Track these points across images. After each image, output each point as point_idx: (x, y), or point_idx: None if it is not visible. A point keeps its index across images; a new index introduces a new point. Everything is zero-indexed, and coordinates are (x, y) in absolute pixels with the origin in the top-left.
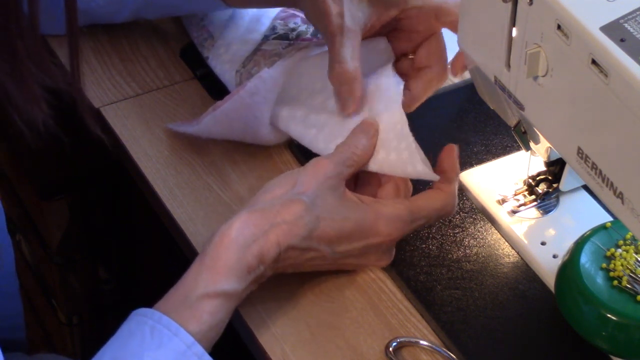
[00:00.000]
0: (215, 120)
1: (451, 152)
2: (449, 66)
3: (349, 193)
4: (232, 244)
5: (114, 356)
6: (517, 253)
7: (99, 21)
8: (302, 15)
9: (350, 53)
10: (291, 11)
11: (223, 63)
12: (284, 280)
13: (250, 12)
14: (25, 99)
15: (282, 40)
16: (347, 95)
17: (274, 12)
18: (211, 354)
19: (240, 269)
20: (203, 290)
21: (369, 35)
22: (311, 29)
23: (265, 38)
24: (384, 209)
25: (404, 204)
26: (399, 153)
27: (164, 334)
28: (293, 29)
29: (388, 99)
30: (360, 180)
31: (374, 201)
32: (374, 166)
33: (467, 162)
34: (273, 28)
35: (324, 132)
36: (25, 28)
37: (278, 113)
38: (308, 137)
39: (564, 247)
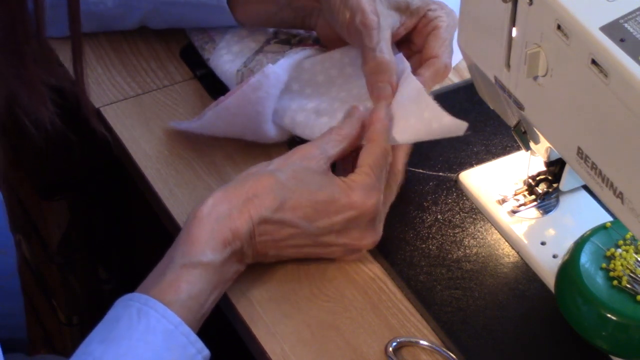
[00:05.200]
0: (217, 115)
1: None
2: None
3: (329, 172)
4: (205, 219)
5: (103, 339)
6: (517, 253)
7: (106, 28)
8: None
9: (386, 47)
10: None
11: (224, 63)
12: (284, 279)
13: None
14: (32, 100)
15: (283, 45)
16: (385, 84)
17: None
18: (212, 354)
19: (214, 241)
20: (180, 262)
21: (393, 42)
22: (314, 33)
23: (267, 43)
24: (353, 181)
25: (363, 170)
26: (418, 116)
27: (150, 315)
28: (295, 35)
29: (400, 71)
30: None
31: (345, 179)
32: (397, 137)
33: (467, 162)
34: (275, 34)
35: (337, 118)
36: (31, 32)
37: (284, 106)
38: (318, 126)
39: (564, 247)
